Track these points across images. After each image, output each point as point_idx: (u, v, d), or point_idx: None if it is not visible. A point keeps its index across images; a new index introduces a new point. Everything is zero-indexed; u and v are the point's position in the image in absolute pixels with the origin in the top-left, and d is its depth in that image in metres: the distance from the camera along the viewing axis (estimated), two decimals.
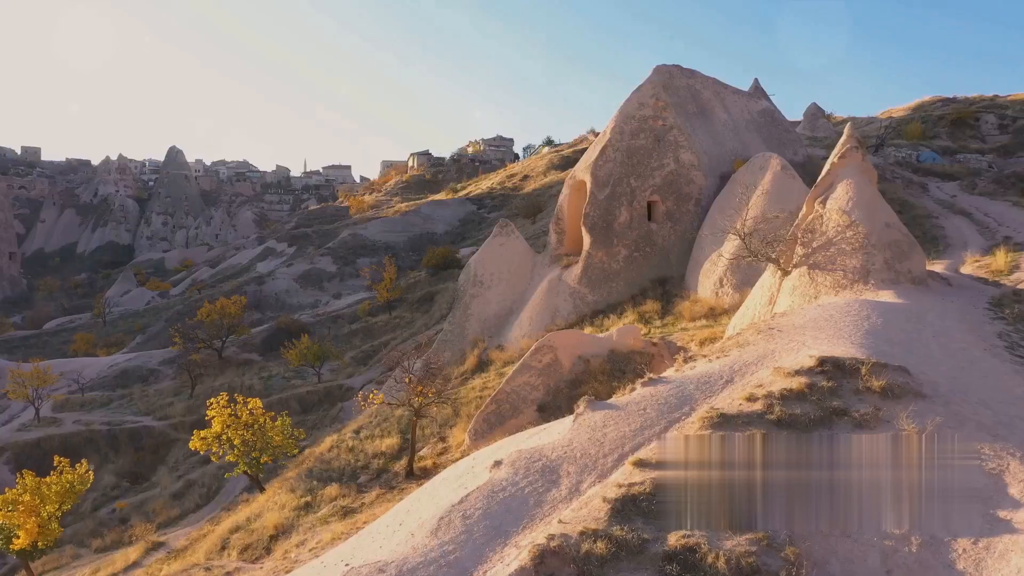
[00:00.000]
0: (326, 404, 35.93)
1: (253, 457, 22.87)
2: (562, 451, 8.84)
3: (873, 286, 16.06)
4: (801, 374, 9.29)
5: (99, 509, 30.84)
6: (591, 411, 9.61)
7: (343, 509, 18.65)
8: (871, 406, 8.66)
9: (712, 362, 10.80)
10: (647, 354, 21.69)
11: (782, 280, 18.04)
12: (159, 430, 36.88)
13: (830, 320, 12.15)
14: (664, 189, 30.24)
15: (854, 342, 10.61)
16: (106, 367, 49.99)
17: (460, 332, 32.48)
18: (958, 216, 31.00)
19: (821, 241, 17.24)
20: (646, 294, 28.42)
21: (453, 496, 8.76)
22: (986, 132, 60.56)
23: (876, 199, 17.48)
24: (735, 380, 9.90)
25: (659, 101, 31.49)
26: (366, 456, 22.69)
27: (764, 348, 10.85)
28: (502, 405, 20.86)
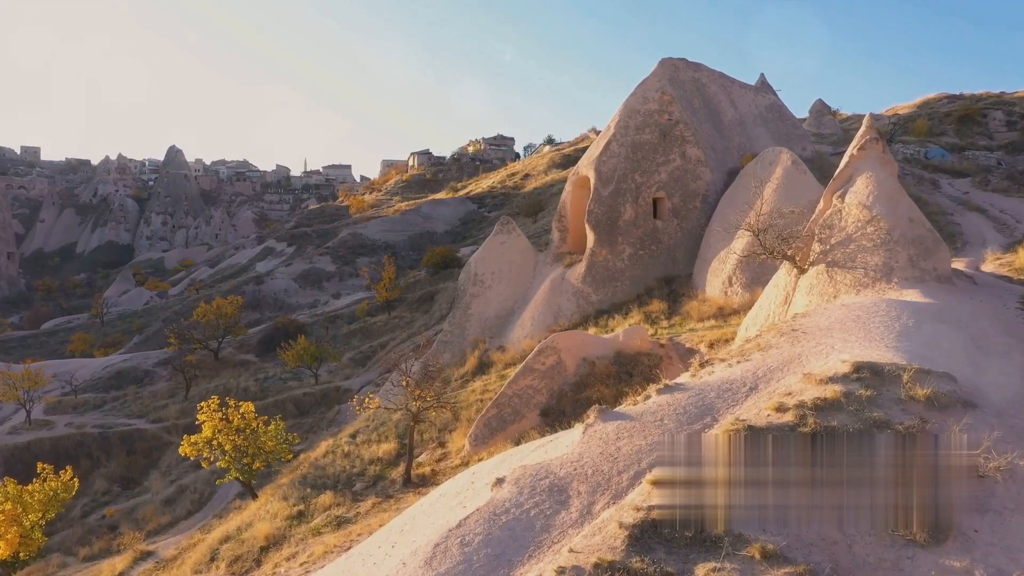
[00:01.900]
0: (323, 406, 35.06)
1: (245, 463, 22.01)
2: (571, 467, 7.95)
3: (896, 285, 15.17)
4: (835, 381, 8.39)
5: (89, 515, 29.98)
6: (602, 421, 8.71)
7: (337, 519, 17.79)
8: (916, 417, 7.76)
9: (732, 367, 9.91)
10: (655, 356, 20.82)
11: (798, 278, 17.15)
12: (152, 433, 36.02)
13: (857, 321, 11.25)
14: (670, 185, 29.35)
15: (888, 345, 9.71)
16: (100, 368, 49.11)
17: (460, 333, 31.59)
18: (973, 213, 30.13)
19: (840, 237, 16.35)
20: (652, 293, 27.53)
21: (451, 517, 7.88)
22: (994, 129, 59.74)
23: (898, 192, 16.58)
24: (760, 387, 9.01)
25: (664, 95, 30.59)
26: (362, 462, 21.81)
27: (789, 352, 9.96)
28: (503, 409, 20.00)
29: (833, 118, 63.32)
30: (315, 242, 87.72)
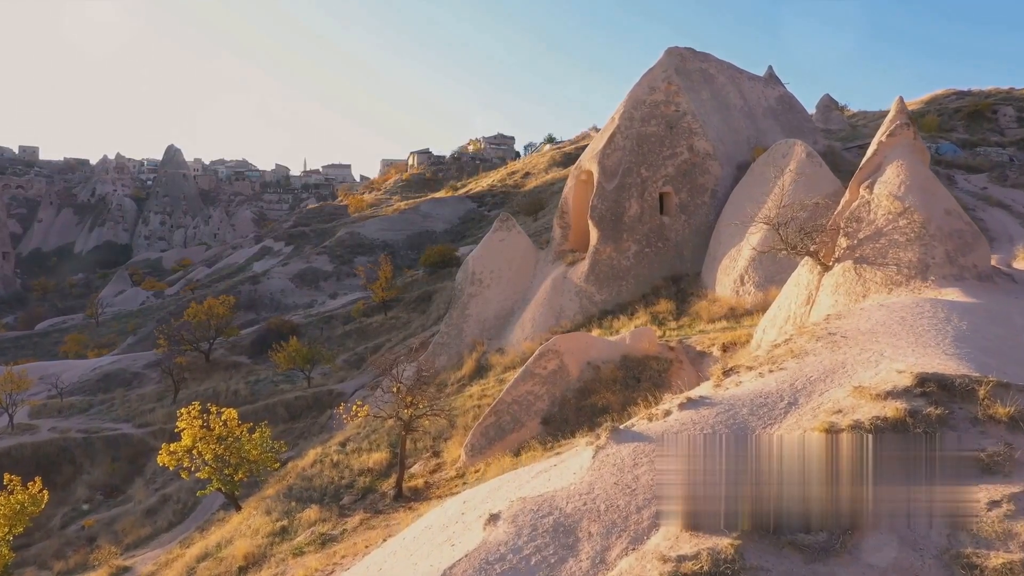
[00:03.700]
0: (315, 411, 33.68)
1: (227, 474, 20.65)
2: (580, 501, 6.59)
3: (933, 283, 13.81)
4: (895, 396, 7.04)
5: (69, 525, 28.64)
6: (616, 443, 7.35)
7: (321, 537, 16.43)
8: (1000, 442, 6.42)
9: (764, 377, 8.56)
10: (664, 359, 19.46)
11: (821, 276, 15.79)
12: (138, 438, 34.67)
13: (903, 323, 9.88)
14: (677, 179, 27.99)
15: (947, 352, 8.37)
16: (88, 370, 47.72)
17: (457, 334, 30.22)
18: (995, 208, 28.76)
19: (869, 231, 14.99)
20: (659, 293, 26.17)
21: (436, 561, 6.55)
22: (1004, 125, 58.53)
23: (932, 182, 15.22)
24: (800, 402, 7.66)
25: (671, 85, 29.22)
26: (351, 473, 20.45)
27: (830, 359, 8.60)
28: (502, 417, 18.64)
29: (841, 114, 61.94)
30: (313, 242, 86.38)
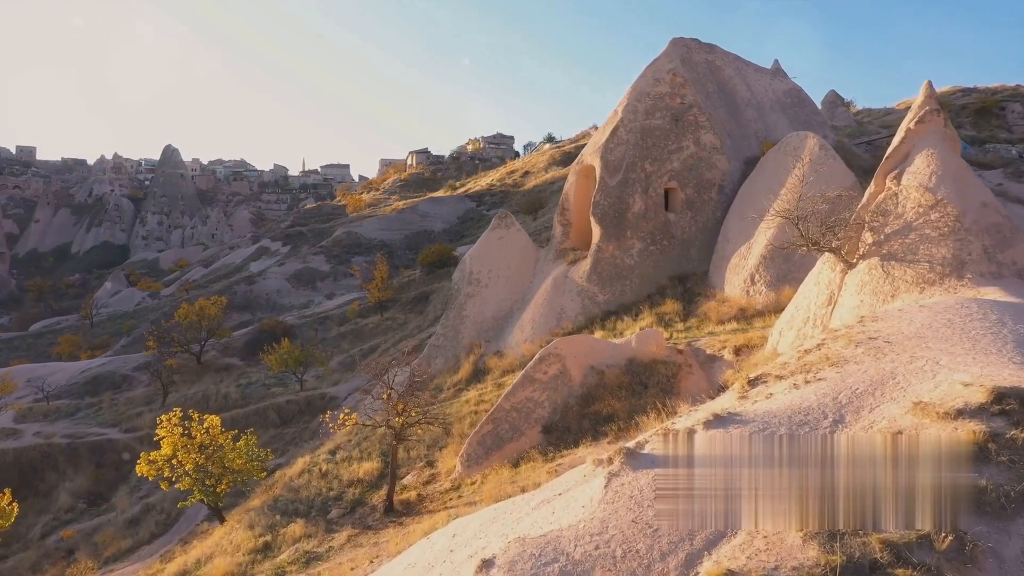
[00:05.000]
0: (307, 415, 32.49)
1: (208, 485, 19.47)
2: (591, 544, 5.40)
3: (970, 281, 12.64)
4: (967, 415, 5.88)
5: (49, 536, 27.46)
6: (631, 470, 6.14)
7: (305, 555, 15.29)
8: None
9: (800, 388, 7.40)
10: (672, 364, 18.28)
11: (844, 274, 14.62)
12: (124, 443, 33.47)
13: (951, 326, 8.73)
14: (683, 175, 26.82)
15: (1014, 360, 7.22)
16: (77, 373, 46.50)
17: (454, 336, 29.04)
18: (1014, 204, 27.65)
19: (897, 225, 13.82)
20: (664, 293, 24.99)
21: None
22: (1012, 122, 57.56)
23: (966, 172, 14.06)
24: (848, 420, 6.52)
25: (676, 76, 28.05)
26: (340, 484, 19.28)
27: (875, 368, 7.45)
28: (500, 425, 17.48)
29: (847, 110, 60.85)
30: (311, 241, 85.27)
